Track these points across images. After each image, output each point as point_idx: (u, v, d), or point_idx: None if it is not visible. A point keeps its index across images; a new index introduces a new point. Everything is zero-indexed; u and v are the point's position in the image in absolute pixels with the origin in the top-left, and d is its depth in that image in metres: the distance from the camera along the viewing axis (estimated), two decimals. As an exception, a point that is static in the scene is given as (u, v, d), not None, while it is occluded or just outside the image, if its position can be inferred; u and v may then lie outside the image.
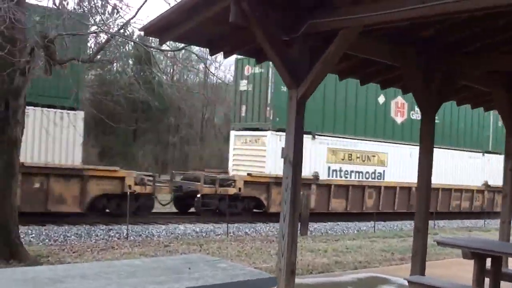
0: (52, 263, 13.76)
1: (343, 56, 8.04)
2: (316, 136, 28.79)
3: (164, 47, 15.34)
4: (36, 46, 12.58)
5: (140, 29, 8.26)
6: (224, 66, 75.95)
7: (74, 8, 14.99)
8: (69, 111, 22.95)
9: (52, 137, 22.55)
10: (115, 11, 15.91)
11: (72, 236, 20.07)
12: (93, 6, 14.98)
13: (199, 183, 26.55)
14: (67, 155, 23.35)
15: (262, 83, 29.07)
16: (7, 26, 11.51)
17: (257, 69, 28.92)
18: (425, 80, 9.53)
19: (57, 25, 13.19)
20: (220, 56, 12.69)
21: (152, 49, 14.05)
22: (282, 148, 23.76)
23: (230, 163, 30.99)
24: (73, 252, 16.31)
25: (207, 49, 9.15)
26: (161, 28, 8.05)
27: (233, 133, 30.94)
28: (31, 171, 21.57)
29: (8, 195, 13.38)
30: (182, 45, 15.29)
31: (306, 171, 26.82)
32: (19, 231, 14.55)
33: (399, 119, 32.75)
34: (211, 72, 15.48)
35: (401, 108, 32.71)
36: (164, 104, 43.71)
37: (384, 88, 12.04)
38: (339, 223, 28.57)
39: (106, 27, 13.83)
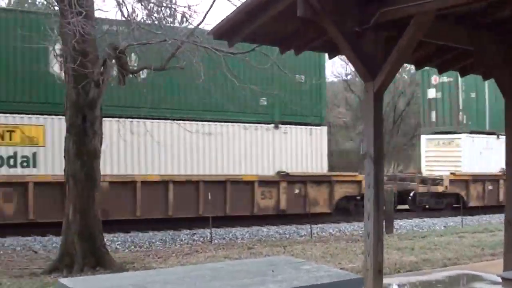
0: (138, 269, 13.85)
1: (418, 44, 7.75)
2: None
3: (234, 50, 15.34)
4: (108, 57, 12.72)
5: (208, 33, 8.17)
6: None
7: (144, 19, 15.08)
8: (316, 127, 27.22)
9: (306, 149, 26.81)
10: (184, 19, 15.99)
11: (157, 242, 20.23)
12: (162, 16, 15.06)
13: (414, 183, 30.93)
14: (316, 163, 27.23)
15: (451, 91, 32.21)
16: (77, 40, 11.65)
17: (445, 79, 31.60)
18: (507, 64, 9.11)
19: (127, 36, 13.30)
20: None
21: (222, 52, 13.95)
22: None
23: (423, 163, 33.78)
24: (158, 258, 16.39)
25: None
26: (228, 30, 7.93)
27: (424, 137, 33.95)
28: (294, 180, 25.84)
29: (91, 205, 13.62)
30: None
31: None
32: (105, 239, 14.75)
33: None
34: (283, 71, 15.30)
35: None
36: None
37: (464, 75, 11.62)
38: (425, 219, 27.97)
39: (175, 35, 13.83)
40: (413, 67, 11.11)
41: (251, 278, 5.27)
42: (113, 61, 12.90)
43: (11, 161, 20.75)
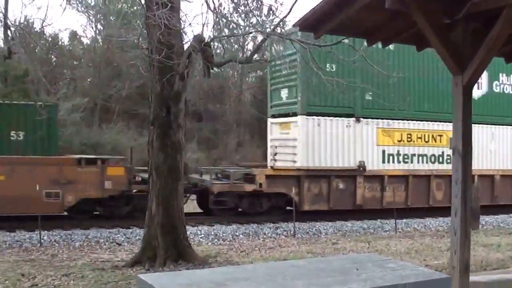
0: (220, 263, 13.91)
1: (507, 37, 7.46)
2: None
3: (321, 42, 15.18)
4: (193, 50, 12.72)
5: (294, 25, 8.08)
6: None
7: (230, 13, 15.09)
8: None
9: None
10: (271, 12, 15.93)
11: (241, 235, 20.26)
12: (249, 9, 15.03)
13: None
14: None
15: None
16: (162, 33, 11.70)
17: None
18: None
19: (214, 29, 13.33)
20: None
21: (308, 45, 13.81)
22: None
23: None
24: (241, 252, 16.43)
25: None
26: (314, 21, 7.83)
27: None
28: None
29: (174, 197, 13.66)
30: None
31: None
32: (188, 232, 14.83)
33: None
34: (370, 64, 15.10)
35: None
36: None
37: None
38: (511, 215, 27.16)
39: (261, 28, 13.80)
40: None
41: (333, 277, 5.14)
42: (198, 54, 12.90)
43: (440, 159, 26.66)
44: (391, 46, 17.74)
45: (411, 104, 25.40)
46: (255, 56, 15.01)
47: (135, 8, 34.60)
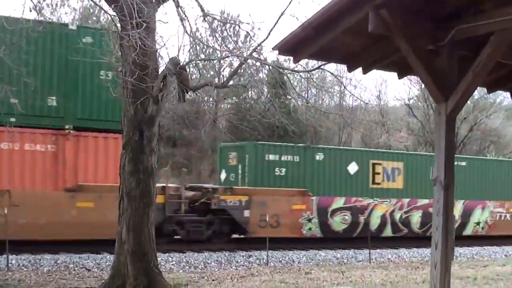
0: (191, 293, 13.58)
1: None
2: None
3: (299, 68, 15.00)
4: (168, 73, 12.45)
5: (273, 48, 7.84)
6: (359, 88, 75.25)
7: (207, 39, 14.90)
8: None
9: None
10: (248, 38, 15.77)
11: (213, 263, 19.91)
12: (227, 34, 14.87)
13: None
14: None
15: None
16: (137, 54, 11.42)
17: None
18: None
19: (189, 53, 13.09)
20: (354, 77, 12.14)
21: (286, 71, 13.62)
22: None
23: None
24: (213, 280, 16.07)
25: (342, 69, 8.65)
26: (294, 45, 7.63)
27: None
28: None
29: (145, 224, 13.29)
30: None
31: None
32: (159, 259, 14.48)
33: None
34: (349, 92, 14.93)
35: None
36: (300, 129, 43.42)
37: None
38: (485, 247, 27.12)
39: (238, 52, 13.60)
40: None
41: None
42: (174, 76, 12.63)
43: None
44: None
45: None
46: (231, 81, 14.78)
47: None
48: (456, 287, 14.80)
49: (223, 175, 27.14)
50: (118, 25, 12.79)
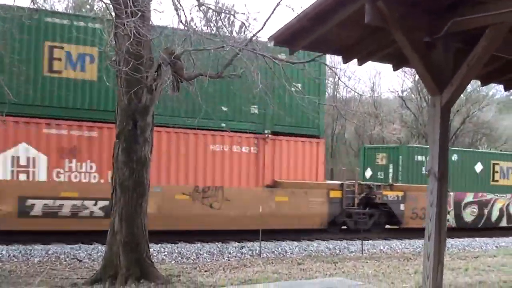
0: (184, 283, 13.55)
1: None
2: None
3: (294, 59, 14.98)
4: (163, 62, 12.39)
5: (269, 38, 7.84)
6: (354, 80, 75.18)
7: (201, 28, 14.84)
8: None
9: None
10: (243, 28, 15.71)
11: (205, 254, 19.87)
12: (221, 24, 14.82)
13: None
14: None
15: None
16: (131, 42, 11.38)
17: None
18: None
19: (183, 43, 13.02)
20: (349, 69, 12.17)
21: (281, 61, 13.60)
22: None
23: None
24: (205, 271, 16.05)
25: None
26: (290, 36, 7.63)
27: None
28: None
29: (138, 214, 13.20)
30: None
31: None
32: (151, 250, 14.45)
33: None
34: (344, 83, 14.94)
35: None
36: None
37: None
38: (476, 238, 27.30)
39: (233, 42, 13.53)
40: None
41: (307, 302, 4.87)
42: (168, 66, 12.57)
43: None
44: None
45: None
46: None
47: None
48: (448, 278, 14.82)
49: (368, 173, 30.50)
50: (113, 13, 12.75)
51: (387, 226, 27.40)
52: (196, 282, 13.75)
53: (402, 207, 26.74)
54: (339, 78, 15.49)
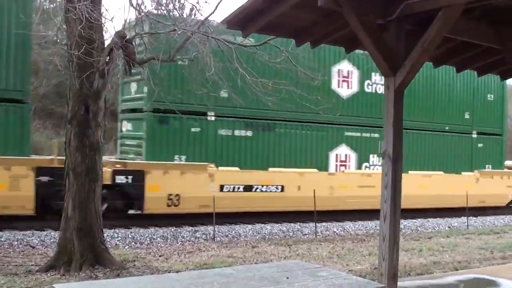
0: (138, 268, 13.48)
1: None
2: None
3: (246, 42, 14.91)
4: (114, 46, 12.26)
5: (222, 21, 7.77)
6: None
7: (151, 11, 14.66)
8: None
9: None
10: (194, 11, 15.58)
11: (158, 239, 19.73)
12: (172, 7, 14.67)
13: None
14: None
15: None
16: (83, 26, 11.22)
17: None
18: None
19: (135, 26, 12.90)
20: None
21: (233, 45, 13.53)
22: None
23: None
24: (160, 256, 15.96)
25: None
26: (243, 19, 7.56)
27: None
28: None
29: (91, 200, 13.12)
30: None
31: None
32: (104, 235, 14.32)
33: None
34: (297, 66, 14.97)
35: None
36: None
37: (481, 75, 11.23)
38: (429, 219, 27.57)
39: (185, 25, 13.42)
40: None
41: (265, 287, 4.85)
42: (120, 50, 12.43)
43: None
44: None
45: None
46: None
47: (54, 4, 33.66)
48: (402, 259, 14.96)
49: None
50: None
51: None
52: (151, 267, 13.68)
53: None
54: (292, 62, 15.34)
